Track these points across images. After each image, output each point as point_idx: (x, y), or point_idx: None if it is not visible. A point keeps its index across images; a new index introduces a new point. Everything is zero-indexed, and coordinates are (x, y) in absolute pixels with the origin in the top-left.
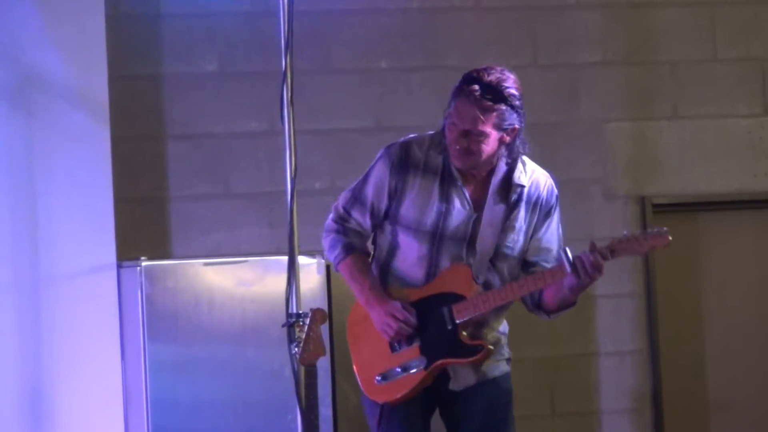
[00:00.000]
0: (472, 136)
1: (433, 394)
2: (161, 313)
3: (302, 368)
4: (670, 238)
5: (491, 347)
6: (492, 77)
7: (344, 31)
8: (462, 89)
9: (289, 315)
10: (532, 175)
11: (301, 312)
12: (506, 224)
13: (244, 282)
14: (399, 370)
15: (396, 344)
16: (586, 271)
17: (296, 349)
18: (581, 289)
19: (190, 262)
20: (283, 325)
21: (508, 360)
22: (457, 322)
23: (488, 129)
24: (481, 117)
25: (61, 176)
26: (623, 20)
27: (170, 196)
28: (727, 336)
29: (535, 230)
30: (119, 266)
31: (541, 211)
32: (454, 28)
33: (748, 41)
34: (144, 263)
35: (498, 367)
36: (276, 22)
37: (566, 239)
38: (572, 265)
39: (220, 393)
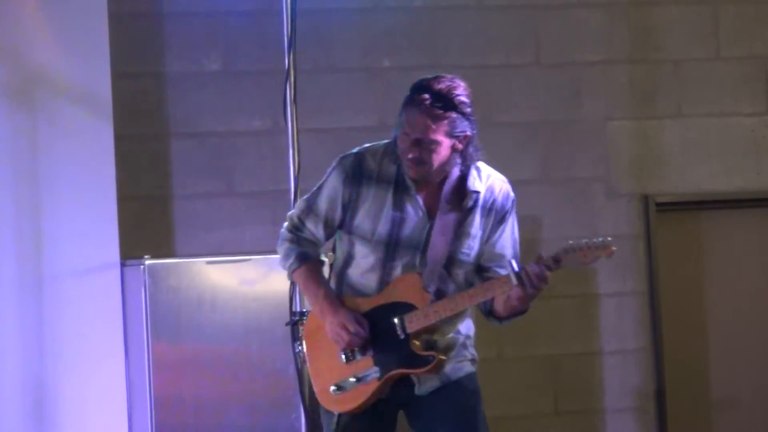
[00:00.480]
0: (424, 145)
1: (397, 400)
2: (164, 311)
3: (305, 366)
4: (614, 248)
5: (443, 357)
6: (442, 85)
7: (347, 30)
8: (412, 99)
9: (292, 313)
10: (487, 181)
11: (304, 310)
12: (461, 231)
13: (248, 280)
14: (353, 380)
15: (350, 354)
16: (531, 282)
17: (299, 347)
18: (529, 299)
19: (193, 260)
20: (286, 324)
21: (473, 361)
22: (408, 331)
23: (439, 137)
24: (432, 125)
25: (65, 174)
26: (626, 19)
27: (173, 194)
28: (730, 334)
29: (490, 236)
30: (122, 265)
31: (495, 216)
32: (456, 27)
33: (751, 40)
34: (147, 262)
35: (462, 368)
36: (279, 21)
37: (570, 238)
38: (518, 276)
39: (223, 391)
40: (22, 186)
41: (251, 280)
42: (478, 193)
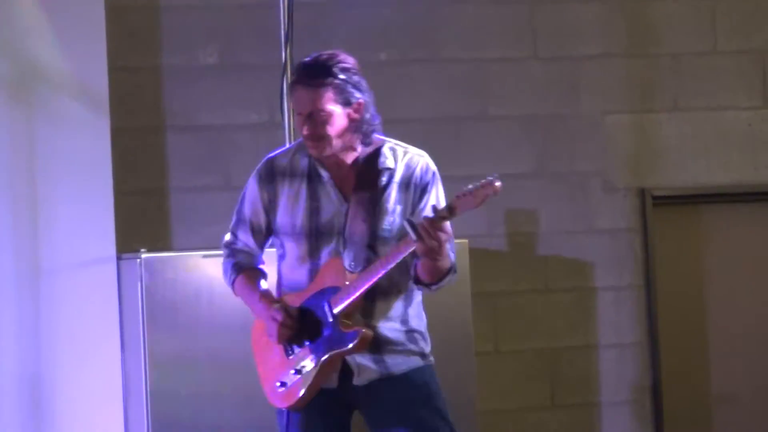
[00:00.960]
0: (316, 118)
1: (344, 398)
2: (161, 305)
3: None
4: (499, 184)
5: (369, 332)
6: (320, 58)
7: (344, 23)
8: (294, 79)
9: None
10: (404, 157)
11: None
12: (378, 209)
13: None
14: (294, 372)
15: (289, 349)
16: (428, 233)
17: None
18: (437, 253)
19: (190, 254)
20: None
21: (423, 355)
22: (335, 312)
23: (328, 106)
24: (317, 95)
25: (61, 168)
26: (623, 12)
27: (170, 187)
28: (727, 328)
29: (413, 209)
30: (119, 258)
31: (416, 189)
32: (454, 20)
33: (749, 33)
34: (144, 255)
35: (405, 363)
36: (276, 15)
37: (566, 231)
38: (414, 230)
39: (220, 385)
40: (19, 180)
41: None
42: (391, 170)
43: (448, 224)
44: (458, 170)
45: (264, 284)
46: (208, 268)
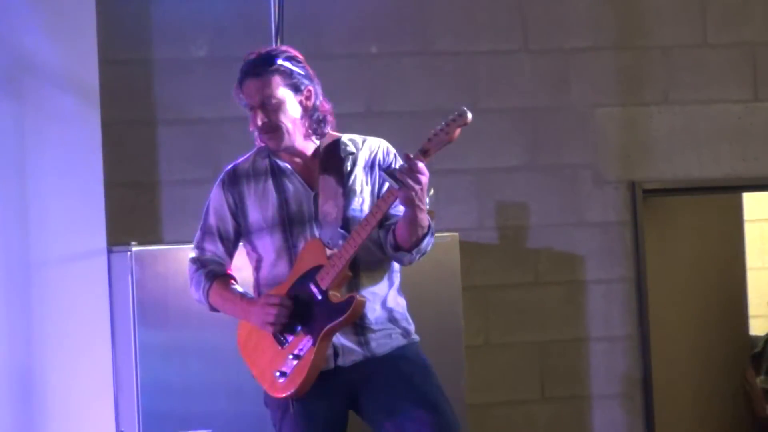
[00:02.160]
0: (267, 107)
1: (339, 385)
2: (152, 297)
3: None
4: (470, 115)
5: (362, 298)
6: (263, 51)
7: (335, 16)
8: (240, 75)
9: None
10: (363, 143)
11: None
12: (346, 191)
13: (234, 267)
14: (292, 358)
15: (282, 339)
16: (412, 176)
17: None
18: (419, 199)
19: (181, 247)
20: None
21: (406, 333)
22: (324, 289)
23: (278, 93)
24: (265, 83)
25: (52, 161)
26: (614, 5)
27: (161, 180)
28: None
29: (380, 189)
30: (109, 251)
31: (381, 169)
32: (444, 13)
33: (739, 26)
34: (134, 248)
35: (388, 343)
36: (266, 7)
37: (557, 224)
38: (396, 180)
39: (210, 378)
40: (9, 172)
41: (238, 267)
42: (354, 154)
43: (423, 165)
44: (449, 163)
45: (239, 287)
46: None
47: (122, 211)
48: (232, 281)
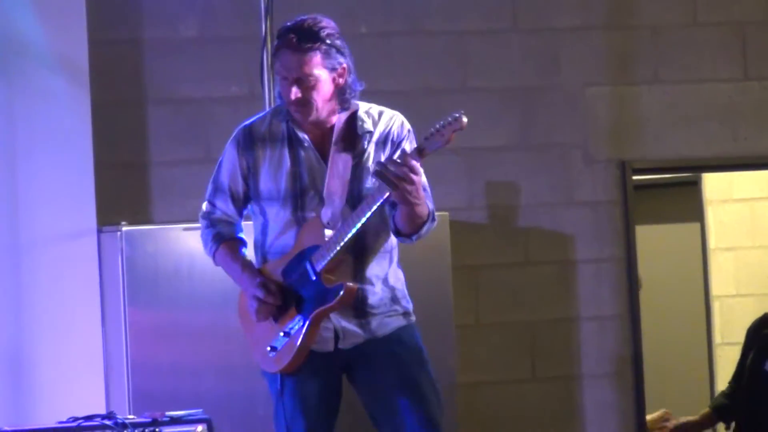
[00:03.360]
0: (304, 83)
1: (334, 362)
2: (142, 277)
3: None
4: (465, 119)
5: (353, 285)
6: (305, 23)
7: None
8: (280, 44)
9: None
10: (379, 118)
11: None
12: (359, 172)
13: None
14: (283, 335)
15: (276, 314)
16: (399, 177)
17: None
18: (413, 196)
19: (170, 227)
20: None
21: (406, 314)
22: (318, 270)
23: (316, 71)
24: (306, 60)
25: (42, 141)
26: None
27: (151, 161)
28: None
29: None
30: (99, 231)
31: (392, 145)
32: None
33: (728, 5)
34: (124, 228)
35: (389, 324)
36: None
37: (547, 204)
38: (387, 180)
39: (200, 358)
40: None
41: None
42: (370, 132)
43: (417, 165)
44: None
45: (246, 253)
46: (188, 240)
47: (112, 191)
48: (240, 245)
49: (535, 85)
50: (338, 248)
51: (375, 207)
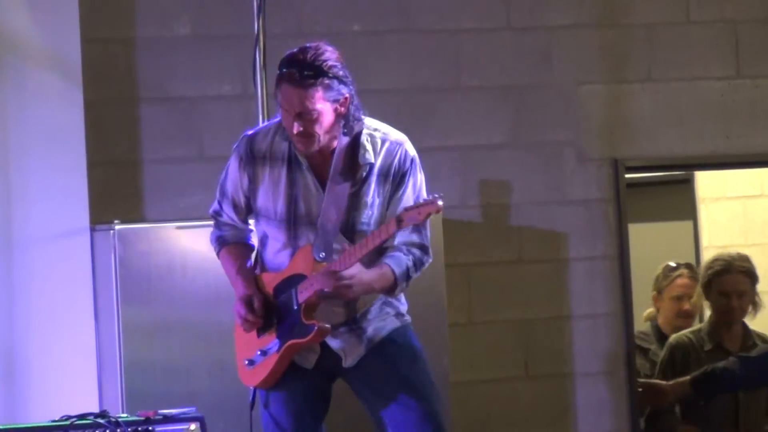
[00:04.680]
0: (306, 117)
1: (327, 372)
2: (134, 276)
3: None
4: (441, 203)
5: (326, 327)
6: (308, 54)
7: None
8: (282, 76)
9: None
10: (382, 147)
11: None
12: (357, 201)
13: None
14: (260, 353)
15: (260, 329)
16: (337, 289)
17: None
18: (346, 295)
19: (163, 225)
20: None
21: (399, 315)
22: (300, 300)
23: (318, 105)
24: (307, 96)
25: (34, 140)
26: None
27: (143, 159)
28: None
29: (391, 199)
30: (92, 229)
31: (394, 179)
32: None
33: (721, 4)
34: (117, 226)
35: (384, 327)
36: None
37: (540, 202)
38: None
39: (193, 356)
40: None
41: None
42: (371, 164)
43: (347, 273)
44: (432, 141)
45: (245, 258)
46: (181, 239)
47: (105, 189)
48: (241, 250)
49: (529, 83)
50: (323, 287)
51: (368, 251)
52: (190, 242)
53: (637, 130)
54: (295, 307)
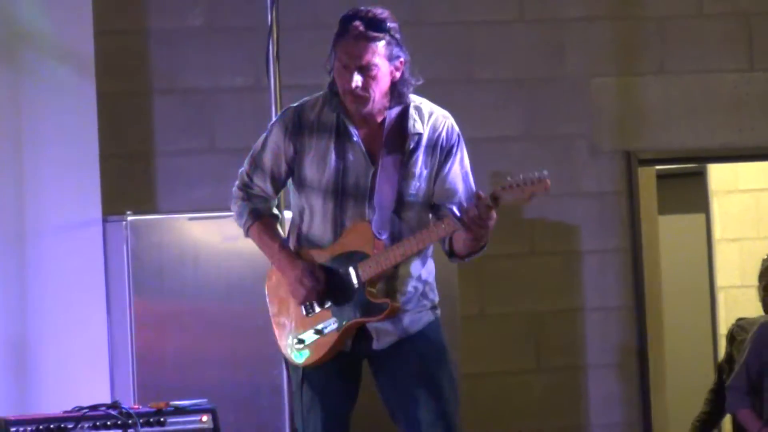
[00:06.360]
0: (366, 72)
1: (358, 353)
2: (147, 267)
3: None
4: (549, 183)
5: (397, 304)
6: (369, 13)
7: None
8: (345, 30)
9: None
10: (429, 119)
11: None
12: (405, 172)
13: (230, 237)
14: (313, 333)
15: (309, 307)
16: (475, 223)
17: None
18: (481, 236)
19: (175, 216)
20: None
21: (434, 308)
22: (363, 279)
23: (380, 60)
24: (371, 48)
25: (47, 131)
26: None
27: (156, 150)
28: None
29: (438, 172)
30: (105, 221)
31: (441, 152)
32: None
33: None
34: (129, 218)
35: (420, 319)
36: None
37: (552, 194)
38: (460, 220)
39: (205, 348)
40: (5, 143)
41: (233, 237)
42: (420, 134)
43: (494, 214)
44: None
45: (280, 231)
46: (193, 230)
47: (117, 180)
48: (275, 223)
49: (541, 76)
50: (389, 266)
51: (436, 238)
52: (203, 233)
53: (649, 123)
54: (357, 286)
